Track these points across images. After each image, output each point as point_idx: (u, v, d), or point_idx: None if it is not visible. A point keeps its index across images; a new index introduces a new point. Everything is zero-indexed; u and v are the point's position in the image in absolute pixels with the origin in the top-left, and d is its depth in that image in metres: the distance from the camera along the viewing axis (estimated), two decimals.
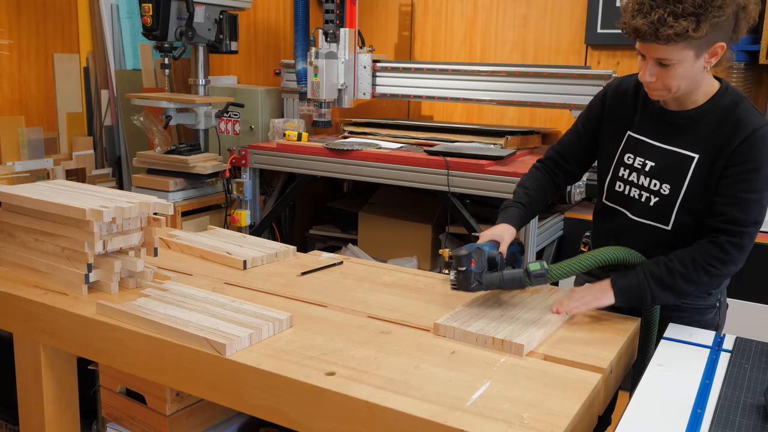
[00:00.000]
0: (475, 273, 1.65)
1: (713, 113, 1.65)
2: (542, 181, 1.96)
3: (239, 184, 3.83)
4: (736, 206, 1.61)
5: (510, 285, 1.67)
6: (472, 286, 1.66)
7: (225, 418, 1.89)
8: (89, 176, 4.69)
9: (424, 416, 1.26)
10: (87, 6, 4.79)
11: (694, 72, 1.58)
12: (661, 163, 1.70)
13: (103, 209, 1.75)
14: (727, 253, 1.61)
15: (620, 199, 1.80)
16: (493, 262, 1.69)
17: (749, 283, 2.78)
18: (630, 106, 1.78)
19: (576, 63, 3.84)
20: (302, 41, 4.07)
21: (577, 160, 1.94)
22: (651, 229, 1.73)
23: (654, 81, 1.60)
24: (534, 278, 1.66)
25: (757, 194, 1.60)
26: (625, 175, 1.77)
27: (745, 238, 1.61)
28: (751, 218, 1.61)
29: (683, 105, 1.69)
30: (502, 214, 1.87)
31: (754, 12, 1.57)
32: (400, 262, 3.54)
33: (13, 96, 4.47)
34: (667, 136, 1.70)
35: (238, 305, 1.72)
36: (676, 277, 1.64)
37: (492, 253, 1.69)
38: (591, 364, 1.48)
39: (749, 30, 1.62)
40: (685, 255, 1.65)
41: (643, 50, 1.59)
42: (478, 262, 1.65)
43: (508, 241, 1.77)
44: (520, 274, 1.66)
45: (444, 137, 3.72)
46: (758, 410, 1.29)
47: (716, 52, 1.56)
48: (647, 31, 1.51)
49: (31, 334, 1.82)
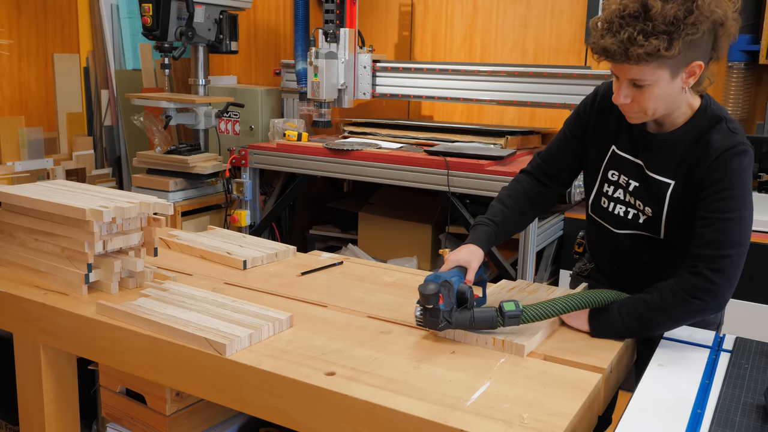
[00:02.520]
0: (443, 311, 1.52)
1: (688, 138, 1.58)
2: (523, 198, 1.83)
3: (239, 184, 3.84)
4: (712, 227, 1.51)
5: (481, 326, 1.55)
6: (441, 326, 1.53)
7: (225, 418, 1.89)
8: (89, 176, 4.69)
9: (424, 416, 1.26)
10: (87, 6, 4.79)
11: (671, 93, 1.50)
12: (642, 186, 1.66)
13: (103, 209, 1.75)
14: (710, 281, 1.50)
15: (604, 214, 1.75)
16: (463, 298, 1.55)
17: (749, 283, 2.77)
18: (617, 114, 1.68)
19: (576, 63, 3.84)
20: (302, 41, 4.07)
21: (565, 167, 1.85)
22: (641, 237, 1.70)
23: (629, 103, 1.53)
24: (508, 319, 1.54)
25: (735, 213, 1.50)
26: (610, 191, 1.73)
27: (725, 262, 1.49)
28: (730, 240, 1.49)
29: (662, 127, 1.62)
30: (472, 233, 1.76)
31: (734, 29, 1.49)
32: (400, 262, 3.54)
33: (13, 96, 4.47)
34: (646, 158, 1.65)
35: (238, 305, 1.71)
36: (654, 312, 1.56)
37: (461, 287, 1.56)
38: (591, 364, 1.48)
39: (749, 30, 1.58)
40: (665, 288, 1.55)
41: (616, 71, 1.52)
42: (446, 299, 1.52)
43: (476, 267, 1.66)
44: (493, 314, 1.55)
45: (444, 137, 3.72)
46: (758, 410, 1.29)
47: (694, 71, 1.48)
48: (617, 51, 1.44)
49: (31, 334, 1.82)
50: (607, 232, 1.76)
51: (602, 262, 1.86)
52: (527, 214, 1.87)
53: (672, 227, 1.64)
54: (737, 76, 3.30)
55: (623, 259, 1.77)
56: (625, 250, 1.74)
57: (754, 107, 3.39)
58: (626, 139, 1.69)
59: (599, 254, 1.87)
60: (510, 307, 1.54)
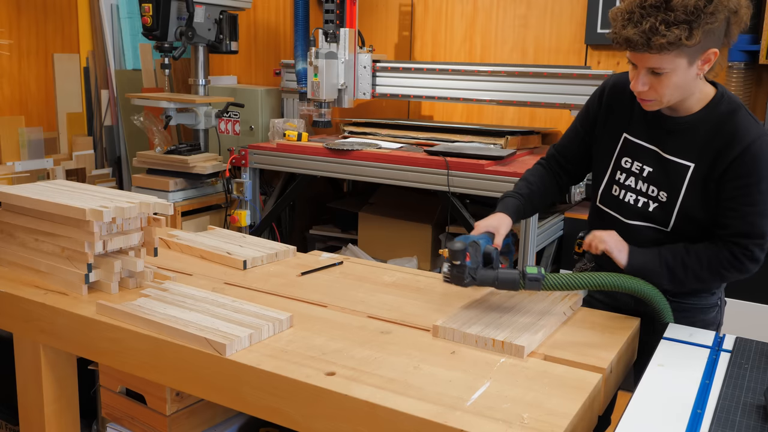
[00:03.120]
0: (469, 268, 1.60)
1: (709, 121, 1.63)
2: (545, 179, 1.94)
3: (239, 184, 3.84)
4: (742, 220, 1.61)
5: (504, 285, 1.63)
6: (466, 282, 1.61)
7: (225, 418, 1.89)
8: (89, 176, 4.69)
9: (424, 416, 1.26)
10: (87, 6, 4.79)
11: (687, 80, 1.55)
12: (659, 170, 1.69)
13: (103, 209, 1.75)
14: (742, 263, 1.64)
15: (614, 203, 1.78)
16: (489, 258, 1.64)
17: (749, 283, 2.77)
18: (627, 105, 1.74)
19: (576, 63, 3.84)
20: (302, 41, 4.07)
21: (577, 160, 1.92)
22: (649, 230, 1.73)
23: (647, 90, 1.57)
24: (529, 282, 1.61)
25: (761, 206, 1.60)
26: (622, 179, 1.76)
27: (755, 250, 1.63)
28: (759, 231, 1.61)
29: (677, 112, 1.66)
30: (500, 204, 1.84)
31: (746, 16, 1.55)
32: (400, 262, 3.54)
33: (13, 96, 4.48)
34: (663, 142, 1.69)
35: (238, 305, 1.71)
36: (689, 274, 1.66)
37: (488, 248, 1.65)
38: (591, 364, 1.48)
39: (749, 30, 1.61)
40: (703, 255, 1.66)
41: (634, 59, 1.56)
42: (473, 256, 1.60)
43: (504, 234, 1.73)
44: (516, 275, 1.62)
45: (444, 137, 3.72)
46: (758, 410, 1.29)
47: (709, 58, 1.54)
48: (639, 41, 1.48)
49: (31, 334, 1.82)
50: (616, 222, 1.78)
51: (606, 257, 1.86)
52: (549, 194, 1.96)
53: (684, 213, 1.67)
54: (737, 76, 3.30)
55: None
56: (632, 242, 1.75)
57: (754, 107, 3.39)
58: (639, 125, 1.73)
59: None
60: (532, 271, 1.61)
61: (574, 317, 1.74)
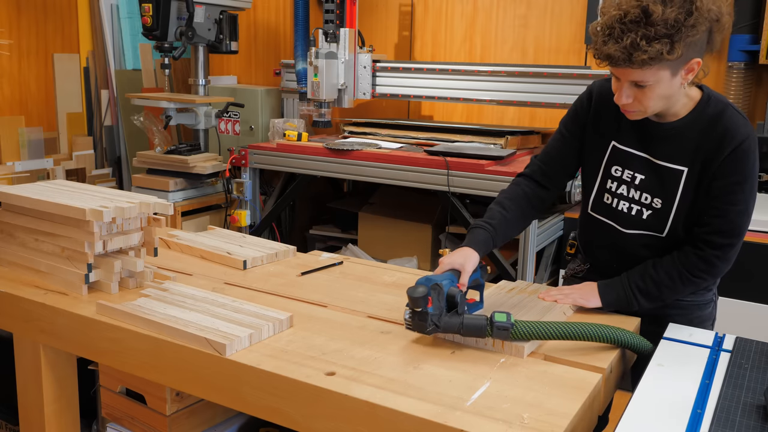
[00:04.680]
0: (432, 315, 1.48)
1: (698, 124, 1.62)
2: (522, 202, 1.82)
3: (239, 184, 3.84)
4: (723, 218, 1.61)
5: (470, 333, 1.50)
6: (428, 330, 1.49)
7: (225, 418, 1.89)
8: (89, 176, 4.69)
9: (424, 416, 1.25)
10: (87, 6, 4.79)
11: (672, 90, 1.54)
12: (652, 177, 1.68)
13: (103, 209, 1.75)
14: (713, 265, 1.64)
15: (608, 211, 1.76)
16: (453, 302, 1.51)
17: (749, 283, 2.78)
18: (614, 113, 1.70)
19: (576, 63, 3.84)
20: (302, 41, 4.07)
21: (564, 168, 1.85)
22: (644, 237, 1.72)
23: (631, 102, 1.56)
24: (497, 330, 1.48)
25: (743, 205, 1.60)
26: (613, 187, 1.74)
27: (729, 250, 1.63)
28: (737, 230, 1.62)
29: (664, 118, 1.65)
30: (469, 236, 1.73)
31: (728, 23, 1.53)
32: (400, 262, 3.54)
33: (13, 96, 4.48)
34: (653, 149, 1.67)
35: (238, 305, 1.71)
36: (663, 290, 1.68)
37: (452, 291, 1.52)
38: (591, 364, 1.48)
39: (749, 30, 1.60)
40: (671, 268, 1.66)
41: (617, 73, 1.55)
42: (435, 302, 1.49)
43: (470, 271, 1.62)
44: (483, 322, 1.49)
45: (444, 137, 3.72)
46: (758, 410, 1.29)
47: (692, 68, 1.52)
48: (620, 57, 1.46)
49: (31, 334, 1.82)
50: (611, 231, 1.77)
51: (601, 261, 1.86)
52: (527, 217, 1.85)
53: (679, 218, 1.67)
54: (737, 76, 3.30)
55: (625, 257, 1.77)
56: (627, 250, 1.75)
57: (754, 107, 3.39)
58: (628, 132, 1.71)
59: (598, 253, 1.86)
60: (501, 319, 1.49)
61: (574, 317, 1.74)
